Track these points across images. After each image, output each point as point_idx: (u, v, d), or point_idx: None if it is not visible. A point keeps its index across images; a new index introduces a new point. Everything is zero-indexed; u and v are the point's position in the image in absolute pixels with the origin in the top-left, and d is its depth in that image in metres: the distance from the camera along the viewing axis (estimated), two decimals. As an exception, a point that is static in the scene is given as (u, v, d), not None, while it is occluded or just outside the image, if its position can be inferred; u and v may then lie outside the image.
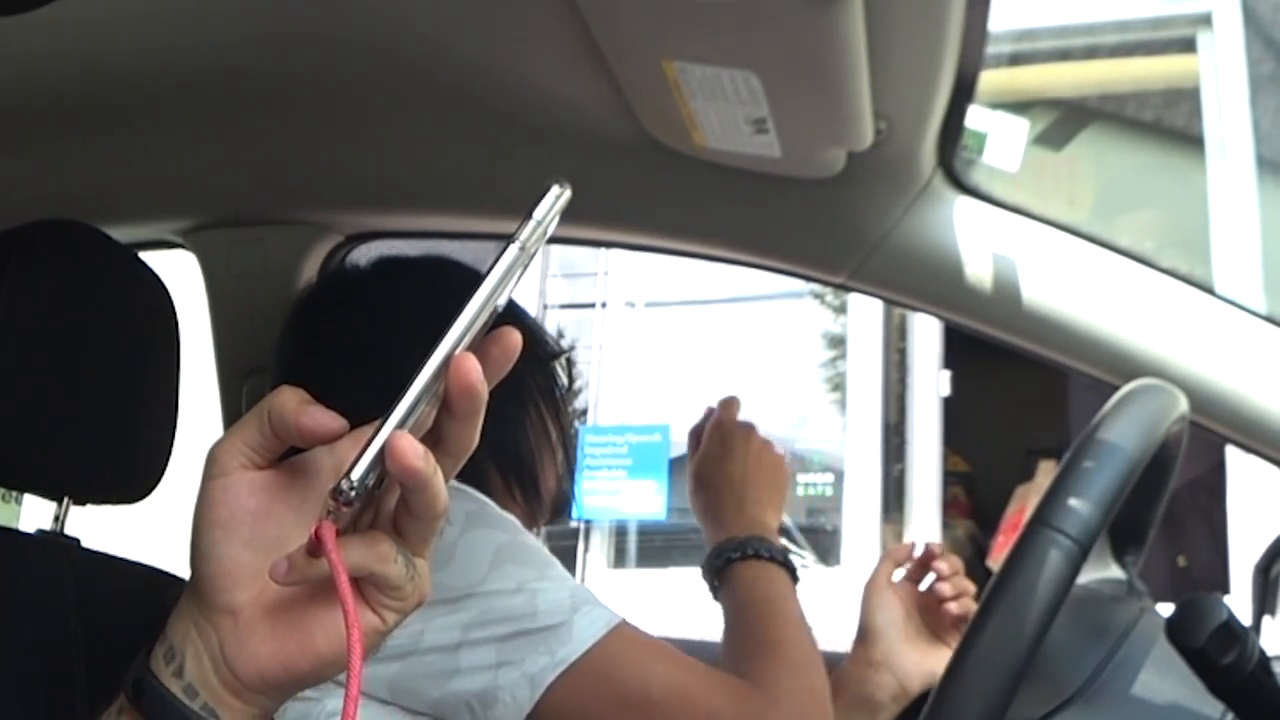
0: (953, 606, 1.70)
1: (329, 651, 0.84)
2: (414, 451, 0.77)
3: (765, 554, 1.61)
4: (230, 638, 0.84)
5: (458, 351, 0.80)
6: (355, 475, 0.79)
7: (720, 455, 1.72)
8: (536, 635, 1.37)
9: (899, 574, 1.78)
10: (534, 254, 0.83)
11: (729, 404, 1.79)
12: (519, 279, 0.82)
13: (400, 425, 0.79)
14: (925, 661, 1.71)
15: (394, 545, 0.83)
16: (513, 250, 0.82)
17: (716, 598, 1.63)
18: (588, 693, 1.37)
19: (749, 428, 1.75)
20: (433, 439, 0.82)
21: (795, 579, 1.62)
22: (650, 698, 1.38)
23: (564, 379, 1.74)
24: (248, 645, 0.84)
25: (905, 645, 1.72)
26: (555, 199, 0.84)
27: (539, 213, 0.83)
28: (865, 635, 1.73)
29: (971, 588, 1.73)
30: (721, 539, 1.66)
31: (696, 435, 1.79)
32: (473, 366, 0.79)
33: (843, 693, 1.71)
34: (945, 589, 1.71)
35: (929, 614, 1.75)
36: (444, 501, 0.82)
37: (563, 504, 1.72)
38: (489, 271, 0.81)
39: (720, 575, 1.63)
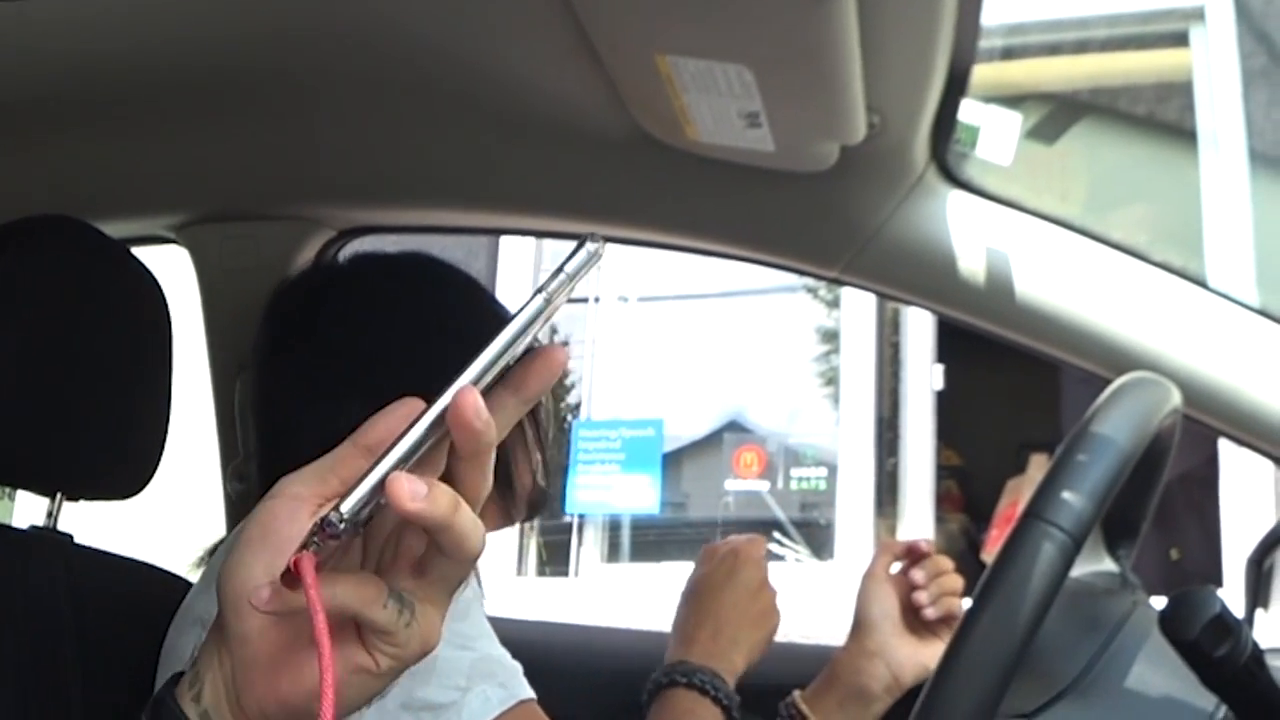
0: (929, 613, 1.70)
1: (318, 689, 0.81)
2: (409, 491, 0.75)
3: (711, 691, 1.58)
4: (240, 666, 0.82)
5: (476, 385, 0.78)
6: (345, 508, 0.76)
7: (722, 580, 1.70)
8: (426, 712, 1.32)
9: (897, 566, 1.77)
10: (559, 305, 0.81)
11: (755, 541, 1.76)
12: (540, 328, 0.81)
13: (400, 465, 0.77)
14: (919, 653, 1.71)
15: (383, 589, 0.80)
16: (538, 300, 0.80)
17: (646, 708, 1.61)
18: None
19: (760, 567, 1.72)
20: (449, 480, 0.79)
21: None
22: None
23: None
24: (250, 676, 0.82)
25: (899, 637, 1.71)
26: (589, 256, 0.81)
27: (570, 267, 0.81)
28: (860, 626, 1.73)
29: (957, 585, 1.73)
30: (681, 658, 1.63)
31: (711, 552, 1.77)
32: (470, 403, 0.77)
33: (836, 683, 1.71)
34: (921, 597, 1.70)
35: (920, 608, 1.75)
36: (474, 544, 0.79)
37: (539, 501, 1.69)
38: (513, 319, 0.80)
39: (660, 691, 1.61)
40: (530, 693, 1.39)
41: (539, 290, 0.80)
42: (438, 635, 0.84)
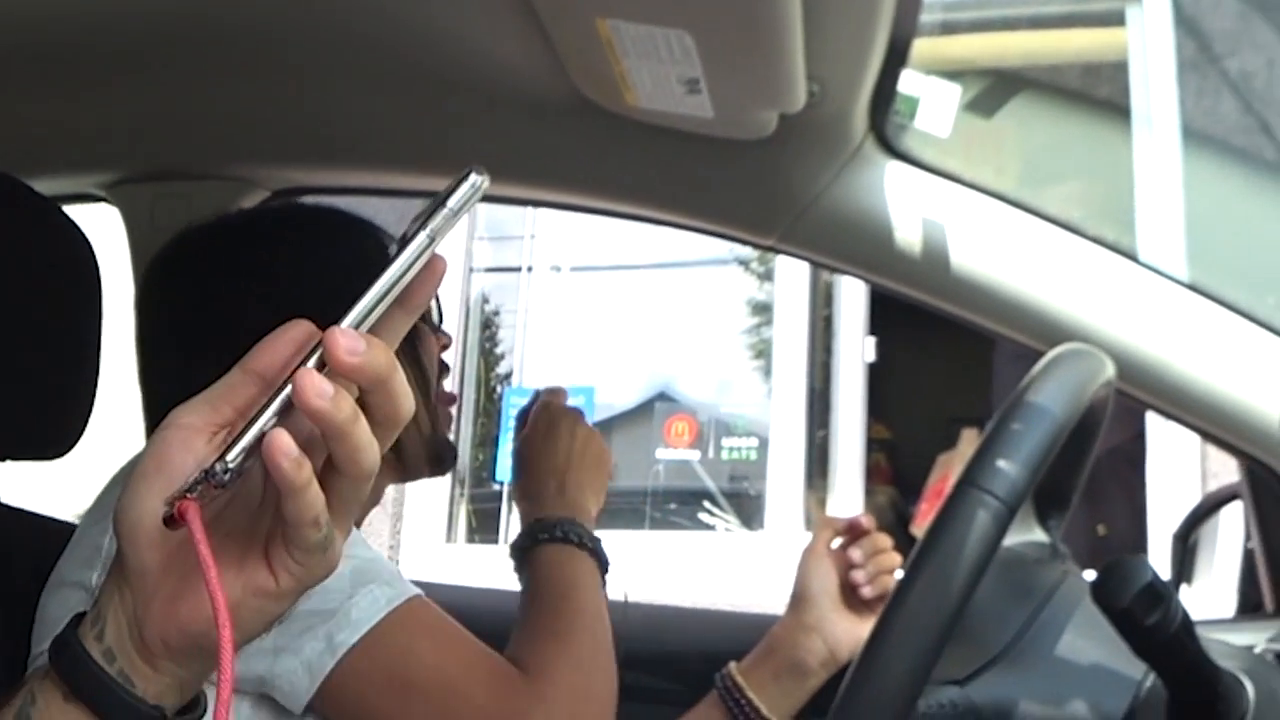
0: (866, 591, 1.70)
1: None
2: (316, 387, 0.75)
3: (575, 539, 1.59)
4: (141, 600, 0.82)
5: (358, 329, 0.77)
6: (231, 458, 0.76)
7: (545, 437, 1.71)
8: (314, 618, 1.33)
9: (837, 542, 1.77)
10: (442, 239, 0.80)
11: (556, 391, 1.79)
12: (423, 262, 0.79)
13: (283, 413, 0.77)
14: (856, 629, 1.71)
15: (324, 507, 0.80)
16: (422, 237, 0.79)
17: (518, 573, 1.61)
18: (362, 677, 1.34)
19: (576, 413, 1.74)
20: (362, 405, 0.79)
21: (604, 569, 1.60)
22: (411, 684, 1.36)
23: (433, 319, 1.71)
24: (151, 608, 0.82)
25: (837, 612, 1.71)
26: (472, 188, 0.80)
27: (453, 201, 0.79)
28: (798, 600, 1.73)
29: (895, 563, 1.73)
30: (537, 516, 1.64)
31: (523, 417, 1.78)
32: (340, 345, 0.76)
33: (773, 657, 1.71)
34: (858, 576, 1.70)
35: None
36: (368, 458, 0.79)
37: (443, 457, 1.71)
38: (396, 256, 0.79)
39: (526, 555, 1.61)
40: (417, 590, 1.40)
41: (421, 225, 0.79)
42: (339, 558, 0.84)
